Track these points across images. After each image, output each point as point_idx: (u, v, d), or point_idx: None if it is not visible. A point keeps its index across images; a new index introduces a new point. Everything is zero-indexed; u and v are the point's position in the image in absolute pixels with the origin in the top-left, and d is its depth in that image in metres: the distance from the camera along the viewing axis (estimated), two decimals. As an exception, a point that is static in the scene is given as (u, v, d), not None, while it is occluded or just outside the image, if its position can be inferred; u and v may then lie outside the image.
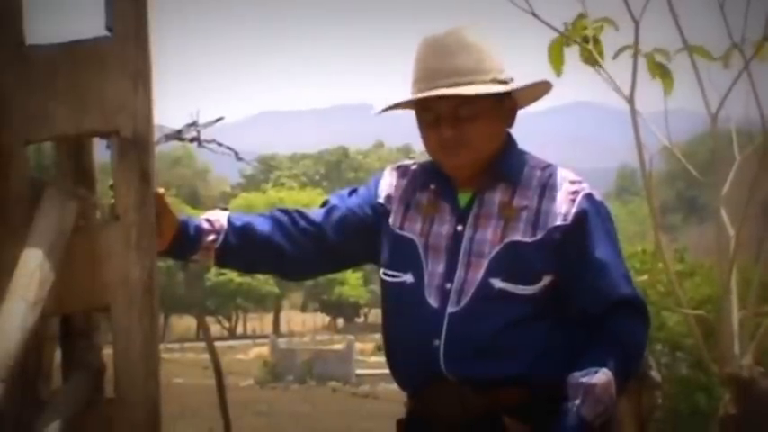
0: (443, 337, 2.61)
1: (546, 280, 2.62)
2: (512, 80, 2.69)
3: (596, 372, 2.55)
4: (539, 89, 2.77)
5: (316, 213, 2.83)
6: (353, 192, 2.87)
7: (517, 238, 2.62)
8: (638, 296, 2.68)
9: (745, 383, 4.69)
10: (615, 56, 4.72)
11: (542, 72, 2.72)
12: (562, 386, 2.56)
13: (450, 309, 2.63)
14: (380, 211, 2.80)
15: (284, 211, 2.84)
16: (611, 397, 2.57)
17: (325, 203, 2.87)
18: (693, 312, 5.31)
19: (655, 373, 4.90)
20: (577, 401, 2.54)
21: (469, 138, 2.64)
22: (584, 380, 2.55)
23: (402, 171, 2.85)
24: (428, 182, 2.77)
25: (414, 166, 2.84)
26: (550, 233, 2.61)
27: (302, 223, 2.81)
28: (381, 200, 2.81)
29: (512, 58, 2.72)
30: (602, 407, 2.55)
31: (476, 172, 2.70)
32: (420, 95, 2.65)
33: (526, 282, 2.61)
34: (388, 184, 2.83)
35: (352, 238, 2.81)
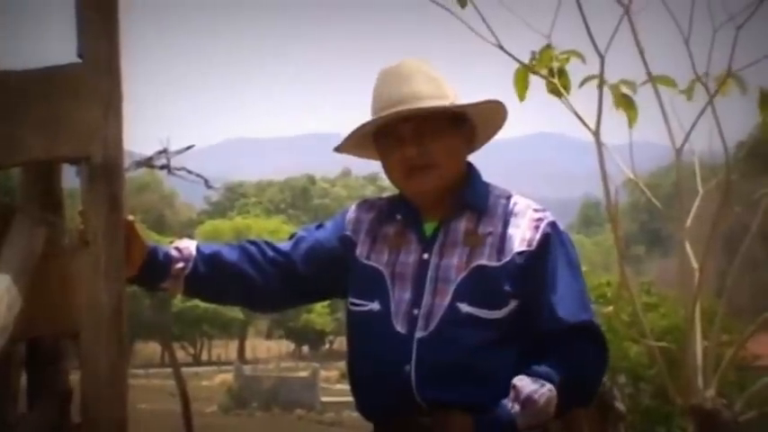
0: (413, 361, 2.62)
1: (512, 304, 2.64)
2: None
3: (543, 385, 2.56)
4: (497, 118, 2.81)
5: (284, 244, 2.86)
6: (320, 226, 2.91)
7: (483, 262, 2.65)
8: (595, 324, 2.70)
9: (709, 415, 4.72)
10: (581, 84, 4.76)
11: (507, 104, 2.77)
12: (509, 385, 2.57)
13: (419, 334, 2.64)
14: (347, 243, 2.82)
15: (252, 242, 2.87)
16: (549, 414, 2.58)
17: (292, 236, 2.90)
18: (657, 344, 5.34)
19: (619, 405, 4.93)
20: (517, 407, 2.55)
21: (433, 155, 2.68)
22: (529, 391, 2.56)
23: (368, 205, 2.89)
24: (394, 213, 2.80)
25: (379, 201, 2.88)
26: (514, 258, 2.65)
27: (270, 253, 2.83)
28: (348, 232, 2.84)
29: (476, 90, 2.78)
30: (536, 421, 2.57)
31: (440, 200, 2.73)
32: (383, 114, 2.69)
33: (492, 306, 2.63)
34: (354, 217, 2.86)
35: (319, 268, 2.83)
